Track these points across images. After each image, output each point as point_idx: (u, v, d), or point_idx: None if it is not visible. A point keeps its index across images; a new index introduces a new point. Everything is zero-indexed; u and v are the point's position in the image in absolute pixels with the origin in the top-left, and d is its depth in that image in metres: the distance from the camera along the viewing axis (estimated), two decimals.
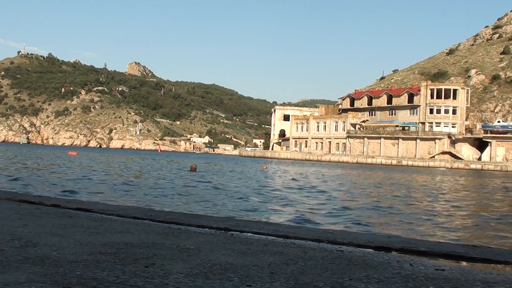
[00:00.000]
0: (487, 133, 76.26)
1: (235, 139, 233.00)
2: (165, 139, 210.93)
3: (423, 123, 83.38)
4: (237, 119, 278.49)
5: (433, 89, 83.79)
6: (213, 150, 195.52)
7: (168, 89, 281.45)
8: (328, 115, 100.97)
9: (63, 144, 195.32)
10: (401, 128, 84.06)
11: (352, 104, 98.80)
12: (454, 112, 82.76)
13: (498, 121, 78.17)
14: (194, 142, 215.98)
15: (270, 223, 7.82)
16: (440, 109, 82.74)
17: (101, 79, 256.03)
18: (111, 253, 3.62)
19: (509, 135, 74.04)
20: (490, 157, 74.38)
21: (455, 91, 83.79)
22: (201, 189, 16.41)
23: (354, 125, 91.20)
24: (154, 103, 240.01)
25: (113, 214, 6.72)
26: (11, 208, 6.48)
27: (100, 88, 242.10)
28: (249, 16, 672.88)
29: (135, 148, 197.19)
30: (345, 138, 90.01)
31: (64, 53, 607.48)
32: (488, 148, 75.27)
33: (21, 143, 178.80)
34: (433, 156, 77.50)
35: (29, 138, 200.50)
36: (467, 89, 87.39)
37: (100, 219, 5.94)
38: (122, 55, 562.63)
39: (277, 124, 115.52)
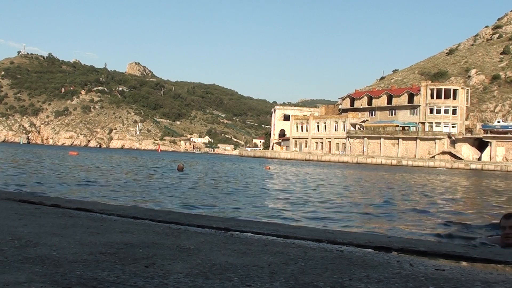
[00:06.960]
0: (487, 133, 76.26)
1: (235, 139, 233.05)
2: (165, 139, 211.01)
3: (423, 123, 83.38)
4: (237, 119, 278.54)
5: (433, 89, 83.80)
6: (213, 150, 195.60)
7: (168, 89, 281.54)
8: (328, 115, 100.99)
9: (63, 144, 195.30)
10: (401, 128, 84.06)
11: (352, 104, 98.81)
12: (454, 112, 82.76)
13: (498, 121, 78.19)
14: (194, 142, 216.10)
15: (270, 223, 7.81)
16: (440, 109, 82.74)
17: (101, 79, 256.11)
18: (111, 253, 3.61)
19: (509, 135, 74.04)
20: (490, 157, 74.37)
21: (455, 91, 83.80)
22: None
23: (354, 125, 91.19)
24: (154, 103, 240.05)
25: (113, 214, 6.71)
26: (11, 208, 6.48)
27: (100, 88, 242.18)
28: (249, 16, 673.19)
29: (135, 148, 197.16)
30: (345, 138, 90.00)
31: (64, 53, 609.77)
32: (488, 148, 75.26)
33: (21, 143, 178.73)
34: (433, 156, 77.49)
35: (29, 138, 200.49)
36: (467, 89, 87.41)
37: (100, 219, 5.93)
38: (122, 55, 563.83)
39: (277, 124, 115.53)
